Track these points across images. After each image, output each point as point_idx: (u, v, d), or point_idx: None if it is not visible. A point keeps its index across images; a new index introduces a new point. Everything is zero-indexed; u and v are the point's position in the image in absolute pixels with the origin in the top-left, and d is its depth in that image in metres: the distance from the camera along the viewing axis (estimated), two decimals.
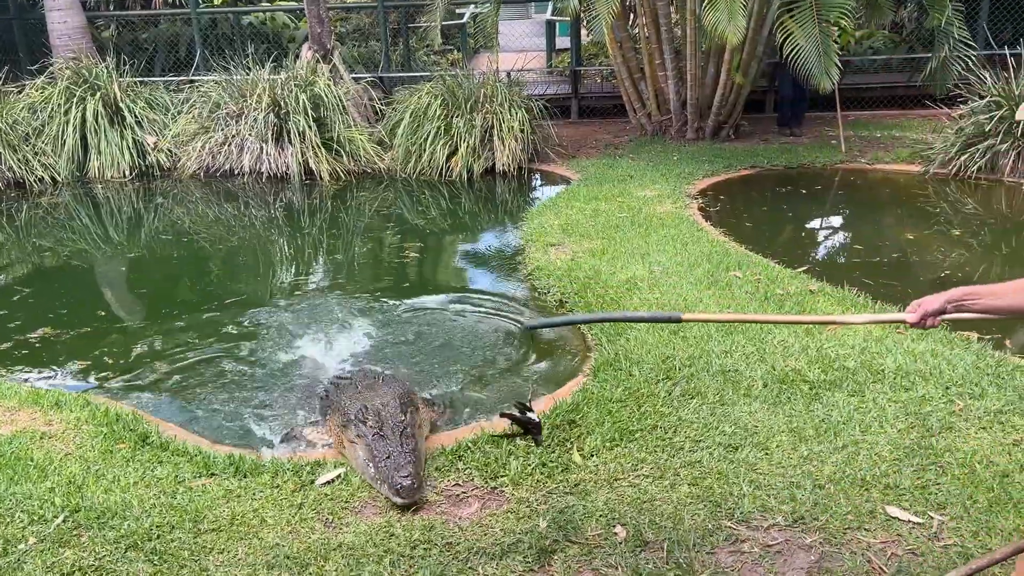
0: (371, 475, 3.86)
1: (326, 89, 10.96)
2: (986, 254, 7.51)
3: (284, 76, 11.18)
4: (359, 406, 4.20)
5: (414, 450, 3.91)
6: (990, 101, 9.33)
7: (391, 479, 3.70)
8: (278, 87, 10.94)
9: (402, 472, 3.71)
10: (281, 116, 10.83)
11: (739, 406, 4.45)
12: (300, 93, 10.81)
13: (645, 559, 3.33)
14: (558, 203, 9.02)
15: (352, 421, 4.12)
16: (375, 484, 3.83)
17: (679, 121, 11.95)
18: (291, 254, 8.64)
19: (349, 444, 4.09)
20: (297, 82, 11.01)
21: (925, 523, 3.46)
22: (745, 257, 6.91)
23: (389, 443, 3.90)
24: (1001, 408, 4.31)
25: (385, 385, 4.57)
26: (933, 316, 2.85)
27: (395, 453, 3.84)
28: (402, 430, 3.99)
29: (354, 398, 4.39)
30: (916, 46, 14.38)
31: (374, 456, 3.87)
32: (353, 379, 4.79)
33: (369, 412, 4.11)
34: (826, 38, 9.44)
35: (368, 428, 4.02)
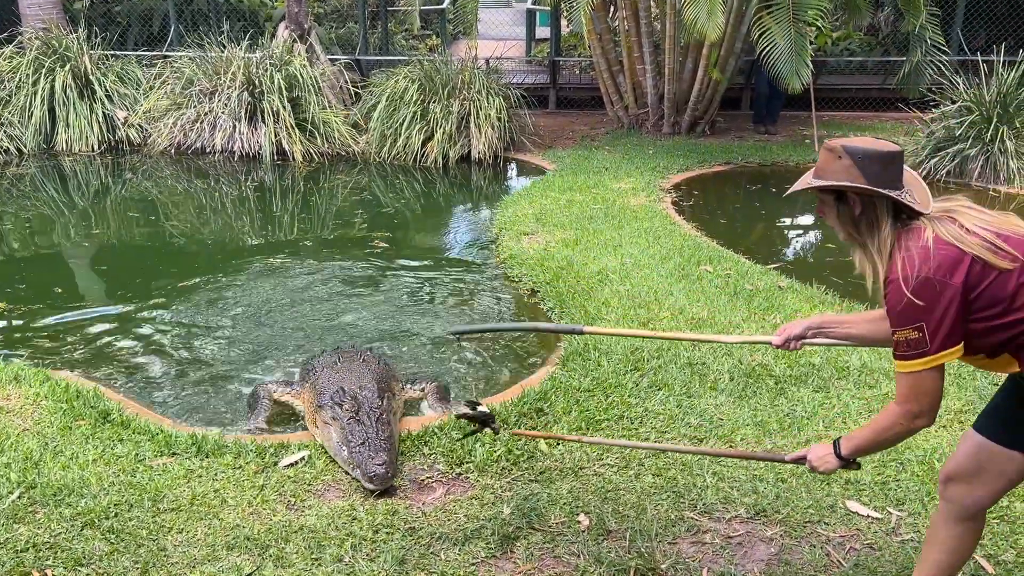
0: (343, 458, 3.83)
1: (302, 69, 10.84)
2: None
3: (259, 55, 11.04)
4: (335, 388, 4.16)
5: (389, 437, 3.88)
6: (961, 106, 9.46)
7: (365, 465, 3.67)
8: (253, 66, 10.80)
9: (377, 459, 3.68)
10: (255, 95, 10.69)
11: (705, 399, 4.48)
12: (275, 72, 10.67)
13: (607, 548, 3.34)
14: (533, 192, 9.01)
15: (328, 404, 4.08)
16: (347, 467, 3.80)
17: (656, 115, 11.97)
18: (259, 234, 8.54)
19: (323, 424, 4.05)
20: (272, 61, 10.87)
21: (884, 518, 3.51)
22: (716, 252, 6.95)
23: (365, 428, 3.88)
24: (961, 408, 4.38)
25: (364, 364, 4.52)
26: (795, 340, 2.95)
27: (371, 439, 3.81)
28: (378, 416, 3.97)
29: (333, 373, 4.38)
30: (891, 49, 14.54)
31: (348, 440, 3.84)
32: (335, 354, 4.75)
33: (346, 395, 4.09)
34: (800, 38, 9.49)
35: (344, 411, 3.99)
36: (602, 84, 12.37)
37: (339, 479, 3.83)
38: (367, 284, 6.74)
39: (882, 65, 14.29)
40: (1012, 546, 3.32)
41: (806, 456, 2.75)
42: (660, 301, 5.81)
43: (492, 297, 6.44)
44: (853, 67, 14.74)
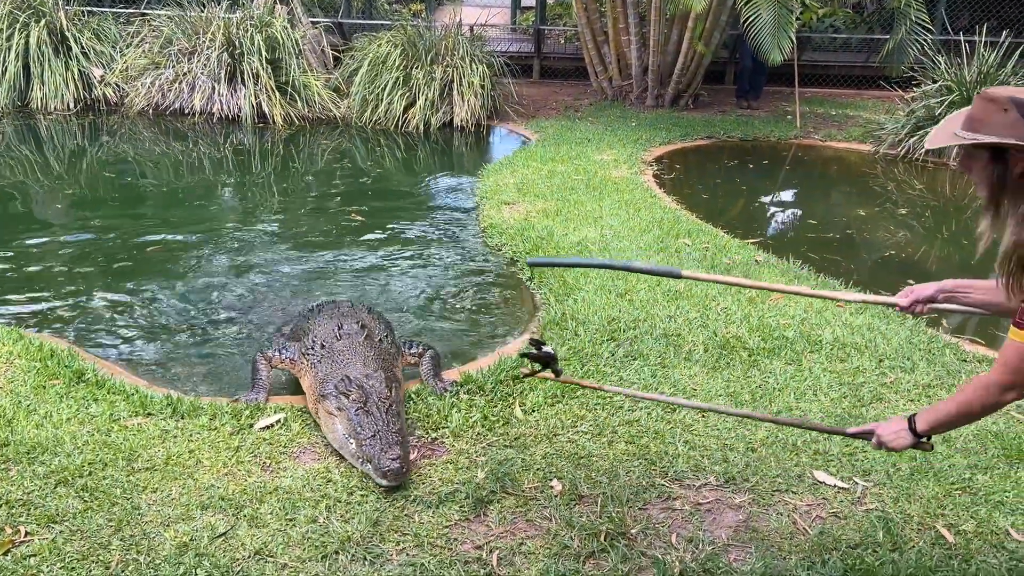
0: (351, 451, 3.60)
1: (283, 32, 10.69)
2: (928, 235, 7.71)
3: (240, 15, 10.86)
4: (340, 376, 3.91)
5: (401, 430, 3.66)
6: (942, 86, 9.52)
7: (378, 460, 3.44)
8: (233, 26, 10.64)
9: (390, 453, 3.45)
10: (235, 56, 10.54)
11: (679, 369, 4.53)
12: (256, 34, 10.52)
13: (579, 512, 3.39)
14: (515, 162, 8.98)
15: (332, 393, 3.82)
16: (354, 461, 3.59)
17: (639, 87, 11.94)
18: (236, 196, 8.46)
19: (326, 414, 3.79)
20: (253, 22, 10.70)
21: (850, 488, 3.58)
22: (695, 225, 6.98)
23: (375, 420, 3.64)
24: (930, 382, 4.46)
25: (368, 343, 4.21)
26: (923, 303, 2.80)
27: (381, 431, 3.58)
28: (388, 407, 3.73)
29: (335, 354, 4.09)
30: (876, 27, 14.53)
31: (357, 432, 3.61)
32: (331, 315, 4.51)
33: (352, 384, 3.82)
34: (785, 10, 9.48)
35: (351, 402, 3.73)
36: (587, 54, 12.31)
37: (315, 442, 3.85)
38: (345, 251, 6.71)
39: (866, 43, 14.31)
40: (972, 516, 3.40)
41: (873, 431, 2.60)
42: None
43: (472, 266, 6.44)
44: (837, 44, 14.74)
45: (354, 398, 3.74)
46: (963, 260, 7.11)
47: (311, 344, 4.23)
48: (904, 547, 3.22)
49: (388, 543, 3.19)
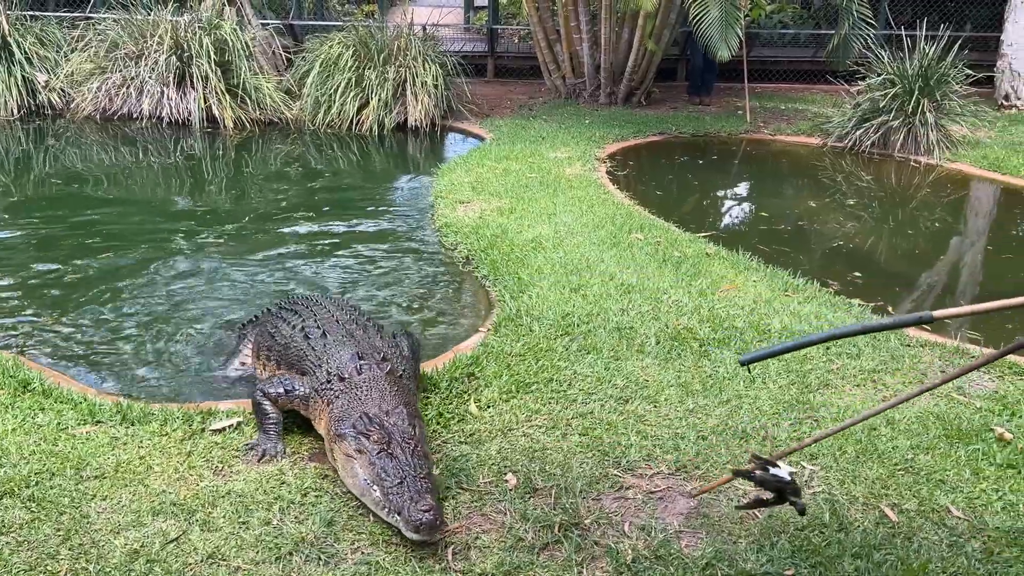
0: (374, 499, 3.25)
1: (232, 34, 10.56)
2: (876, 225, 7.89)
3: (187, 18, 10.71)
4: (358, 414, 3.51)
5: (430, 474, 3.31)
6: (885, 79, 9.73)
7: (408, 512, 3.07)
8: (181, 29, 10.48)
9: (421, 504, 3.08)
10: (184, 60, 10.40)
11: (632, 361, 4.59)
12: (204, 36, 10.38)
13: (533, 505, 3.42)
14: (469, 161, 9.00)
15: (351, 434, 3.44)
16: (378, 510, 3.24)
17: (592, 85, 12.03)
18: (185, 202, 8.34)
19: (344, 457, 3.43)
20: (201, 25, 10.56)
21: (798, 472, 3.66)
22: (648, 220, 7.07)
23: (400, 464, 3.27)
24: (875, 368, 4.57)
25: (390, 379, 3.77)
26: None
27: (409, 477, 3.21)
28: (413, 447, 3.36)
29: (354, 390, 3.68)
30: (823, 22, 14.82)
31: (381, 479, 3.24)
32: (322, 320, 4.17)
33: (372, 423, 3.44)
34: (732, 8, 9.63)
35: (372, 443, 3.35)
36: (539, 53, 12.37)
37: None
38: (297, 254, 6.67)
39: (813, 38, 14.58)
40: (915, 495, 3.50)
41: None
42: (591, 268, 5.90)
43: (426, 265, 6.43)
44: (786, 40, 15.00)
45: (375, 439, 3.37)
46: (910, 248, 7.31)
47: (326, 379, 3.79)
48: (849, 527, 3.31)
49: (343, 542, 3.19)
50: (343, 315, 4.27)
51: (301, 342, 4.06)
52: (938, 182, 9.00)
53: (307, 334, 4.08)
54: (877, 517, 3.38)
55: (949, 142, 9.53)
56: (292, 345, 4.09)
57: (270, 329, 4.32)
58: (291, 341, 4.11)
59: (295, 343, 4.09)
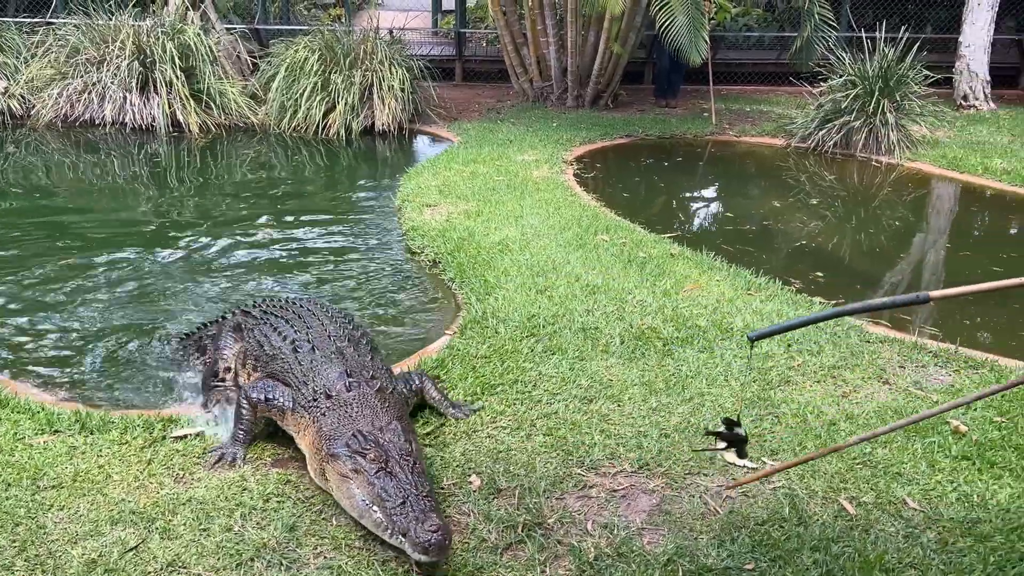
0: (375, 520, 3.12)
1: (195, 38, 10.47)
2: (838, 224, 8.00)
3: (150, 23, 10.60)
4: (350, 431, 3.38)
5: (431, 492, 3.19)
6: (846, 80, 9.88)
7: (414, 533, 2.95)
8: (143, 34, 10.37)
9: (428, 524, 2.95)
10: (147, 65, 10.29)
11: (596, 361, 4.61)
12: (167, 41, 10.28)
13: (497, 505, 3.43)
14: (437, 165, 9.00)
15: (344, 453, 3.30)
16: (381, 532, 3.10)
17: (560, 88, 12.09)
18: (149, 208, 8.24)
19: (338, 477, 3.29)
20: (164, 29, 10.46)
21: (759, 468, 3.70)
22: (614, 222, 7.11)
23: (400, 483, 3.14)
24: (835, 364, 4.64)
25: (380, 395, 3.66)
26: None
27: (411, 497, 3.08)
28: (412, 464, 3.24)
29: (342, 409, 3.54)
30: (787, 25, 15.01)
31: (382, 499, 3.11)
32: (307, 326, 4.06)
33: (367, 440, 3.30)
34: (698, 13, 9.73)
35: (369, 462, 3.22)
36: (507, 57, 12.41)
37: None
38: (263, 259, 6.62)
39: (778, 40, 14.76)
40: (872, 488, 3.56)
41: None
42: (557, 270, 5.92)
43: (393, 269, 6.42)
44: (751, 42, 15.17)
45: (372, 457, 3.23)
46: (871, 247, 7.42)
47: (312, 395, 3.66)
48: (809, 521, 3.35)
49: (305, 547, 3.17)
50: (336, 329, 4.10)
51: (289, 355, 3.91)
52: (899, 181, 9.14)
53: (296, 347, 3.93)
54: (836, 510, 3.42)
55: (909, 142, 9.69)
56: (280, 357, 3.94)
57: (259, 337, 4.12)
58: (279, 352, 3.96)
59: (283, 355, 3.93)
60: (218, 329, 4.53)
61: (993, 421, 4.04)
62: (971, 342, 5.14)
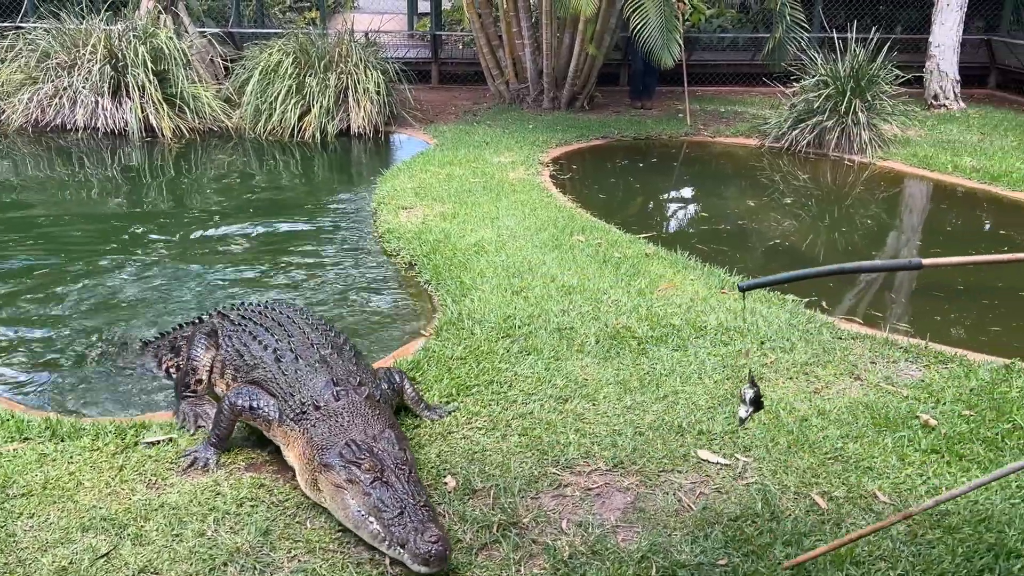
0: (372, 531, 3.07)
1: (168, 42, 10.39)
2: (811, 223, 8.08)
3: (121, 27, 10.51)
4: (343, 441, 3.32)
5: (428, 501, 3.15)
6: (819, 80, 9.98)
7: (414, 544, 2.91)
8: (115, 38, 10.28)
9: (428, 535, 2.93)
10: (119, 69, 10.21)
11: (572, 361, 4.63)
12: (139, 45, 10.20)
13: (472, 506, 3.43)
14: (413, 167, 8.99)
15: (338, 463, 3.24)
16: (377, 543, 3.06)
17: (536, 90, 12.12)
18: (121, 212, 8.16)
19: (332, 488, 3.24)
20: (136, 33, 10.37)
21: (732, 464, 3.74)
22: (589, 223, 7.14)
23: (396, 492, 3.10)
24: (807, 360, 4.68)
25: (369, 403, 3.60)
26: None
27: (409, 507, 3.04)
28: (408, 473, 3.20)
29: (332, 419, 3.49)
30: (760, 26, 15.15)
31: (379, 509, 3.07)
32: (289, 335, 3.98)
33: (361, 450, 3.25)
34: (671, 15, 9.80)
35: (364, 472, 3.18)
36: (482, 59, 12.42)
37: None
38: (238, 262, 6.59)
39: (752, 41, 14.88)
40: (844, 483, 3.60)
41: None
42: (533, 270, 5.94)
43: (368, 271, 6.41)
44: (725, 44, 15.29)
45: (367, 467, 3.18)
46: (845, 244, 7.50)
47: (299, 407, 3.59)
48: (781, 516, 3.38)
49: (279, 551, 3.16)
50: (318, 336, 4.01)
51: (272, 365, 3.82)
52: (871, 180, 9.25)
53: (279, 356, 3.85)
54: (808, 505, 3.46)
55: (881, 141, 9.81)
56: (261, 367, 3.85)
57: (237, 346, 4.04)
58: (260, 362, 3.87)
59: (265, 365, 3.85)
60: (193, 332, 4.45)
61: (962, 415, 4.10)
62: (941, 338, 5.21)
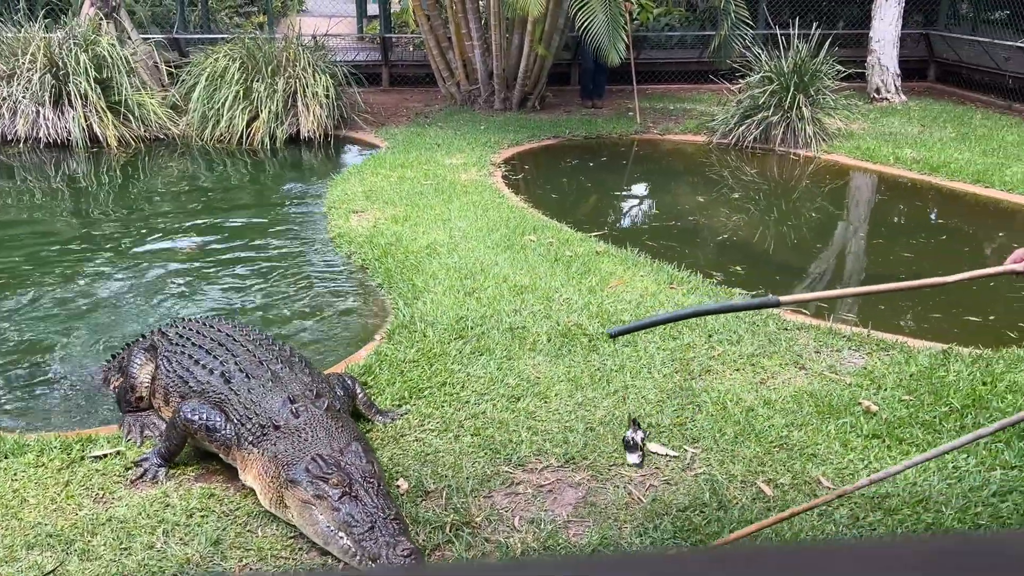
0: (342, 547, 3.03)
1: (110, 49, 10.21)
2: (758, 217, 8.23)
3: (61, 34, 10.30)
4: (309, 456, 3.24)
5: (399, 514, 3.11)
6: (763, 77, 10.16)
7: (385, 558, 2.90)
8: (55, 46, 10.07)
9: (399, 548, 2.90)
10: (60, 77, 9.99)
11: (524, 360, 4.67)
12: (80, 53, 10.00)
13: (425, 507, 3.45)
14: (363, 170, 8.96)
15: (304, 479, 3.17)
16: (351, 560, 3.01)
17: (487, 91, 12.14)
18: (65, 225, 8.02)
19: (299, 504, 3.17)
20: (77, 41, 10.17)
21: (680, 456, 3.81)
22: (541, 222, 7.19)
23: (366, 507, 3.06)
24: (753, 352, 4.78)
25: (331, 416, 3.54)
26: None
27: (379, 521, 3.01)
28: (377, 486, 3.15)
29: (294, 436, 3.41)
30: (707, 24, 15.35)
31: (349, 524, 3.03)
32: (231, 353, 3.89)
33: (328, 464, 3.19)
34: (617, 14, 9.90)
35: (332, 487, 3.12)
36: (432, 61, 12.41)
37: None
38: (185, 272, 6.51)
39: (699, 39, 15.06)
40: (788, 470, 3.69)
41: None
42: (486, 271, 5.96)
43: (320, 276, 6.38)
44: (673, 42, 15.45)
45: (334, 482, 3.12)
46: (792, 237, 7.65)
47: (258, 429, 3.49)
48: (729, 505, 3.46)
49: (230, 560, 3.15)
50: (263, 352, 3.91)
51: (222, 388, 3.72)
52: (816, 173, 9.45)
53: (227, 378, 3.74)
54: (754, 493, 3.54)
55: (825, 135, 10.02)
56: (211, 392, 3.74)
57: (180, 371, 3.91)
58: (209, 387, 3.76)
59: (214, 389, 3.74)
60: (130, 350, 4.35)
61: (902, 400, 4.22)
62: (884, 326, 5.35)
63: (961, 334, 5.39)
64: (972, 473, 3.62)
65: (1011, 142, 10.05)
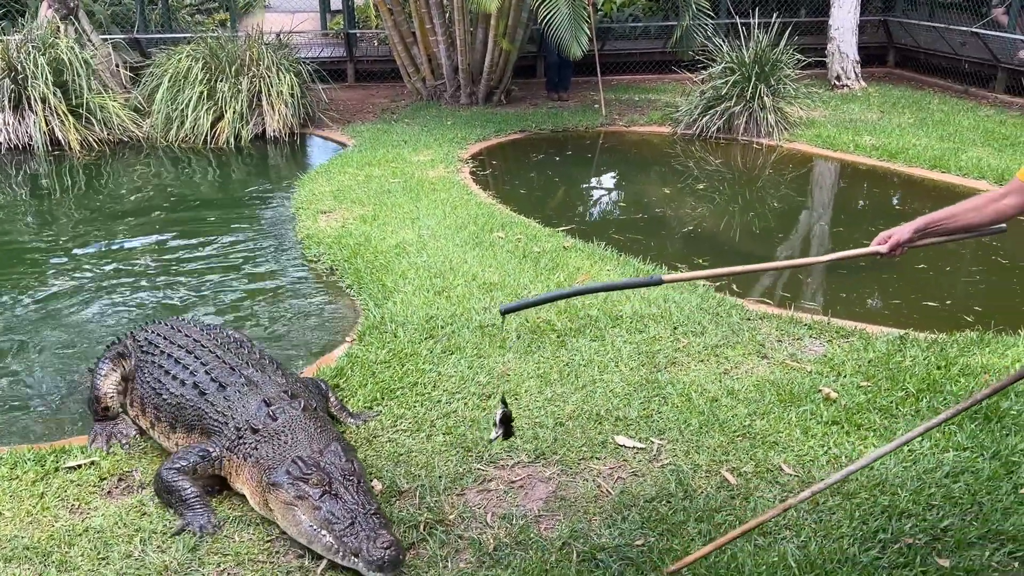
0: (325, 544, 3.11)
1: (69, 52, 10.08)
2: (723, 207, 8.37)
3: (19, 37, 10.16)
4: (289, 459, 3.31)
5: (379, 508, 3.19)
6: (725, 67, 10.29)
7: (367, 551, 2.98)
8: (12, 49, 9.93)
9: (380, 541, 2.99)
10: (18, 81, 9.86)
11: (494, 357, 4.74)
12: (39, 56, 9.88)
13: (399, 507, 3.52)
14: (331, 169, 8.97)
15: (286, 480, 3.25)
16: (333, 556, 3.09)
17: (452, 86, 12.17)
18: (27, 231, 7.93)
19: (283, 506, 3.24)
20: (35, 44, 10.03)
21: (647, 447, 3.91)
22: (509, 218, 7.26)
23: (346, 504, 3.14)
24: (717, 343, 4.90)
25: (310, 416, 3.59)
26: (905, 245, 2.93)
27: (359, 517, 3.10)
28: (356, 483, 3.24)
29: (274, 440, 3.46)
30: (671, 14, 15.46)
31: (330, 522, 3.11)
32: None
33: (308, 465, 3.26)
34: (579, 6, 9.97)
35: (311, 487, 3.20)
36: (397, 57, 12.40)
37: (127, 475, 3.76)
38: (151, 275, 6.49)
39: (663, 30, 15.19)
40: (751, 459, 3.80)
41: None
42: (455, 269, 6.03)
43: (289, 279, 6.40)
44: (637, 32, 15.57)
45: (314, 482, 3.21)
46: (757, 225, 7.79)
47: (236, 436, 3.54)
48: (694, 494, 3.57)
49: (208, 566, 3.20)
50: (233, 357, 3.92)
51: (196, 399, 3.73)
52: (778, 162, 9.61)
53: (201, 389, 3.75)
54: (718, 482, 3.65)
55: (787, 123, 10.19)
56: (187, 405, 3.75)
57: (152, 383, 3.92)
58: (184, 400, 3.77)
59: (189, 401, 3.75)
60: (97, 360, 4.30)
61: (860, 386, 4.36)
62: (845, 313, 5.50)
63: (919, 319, 5.57)
64: (927, 455, 3.77)
65: (966, 127, 10.29)
